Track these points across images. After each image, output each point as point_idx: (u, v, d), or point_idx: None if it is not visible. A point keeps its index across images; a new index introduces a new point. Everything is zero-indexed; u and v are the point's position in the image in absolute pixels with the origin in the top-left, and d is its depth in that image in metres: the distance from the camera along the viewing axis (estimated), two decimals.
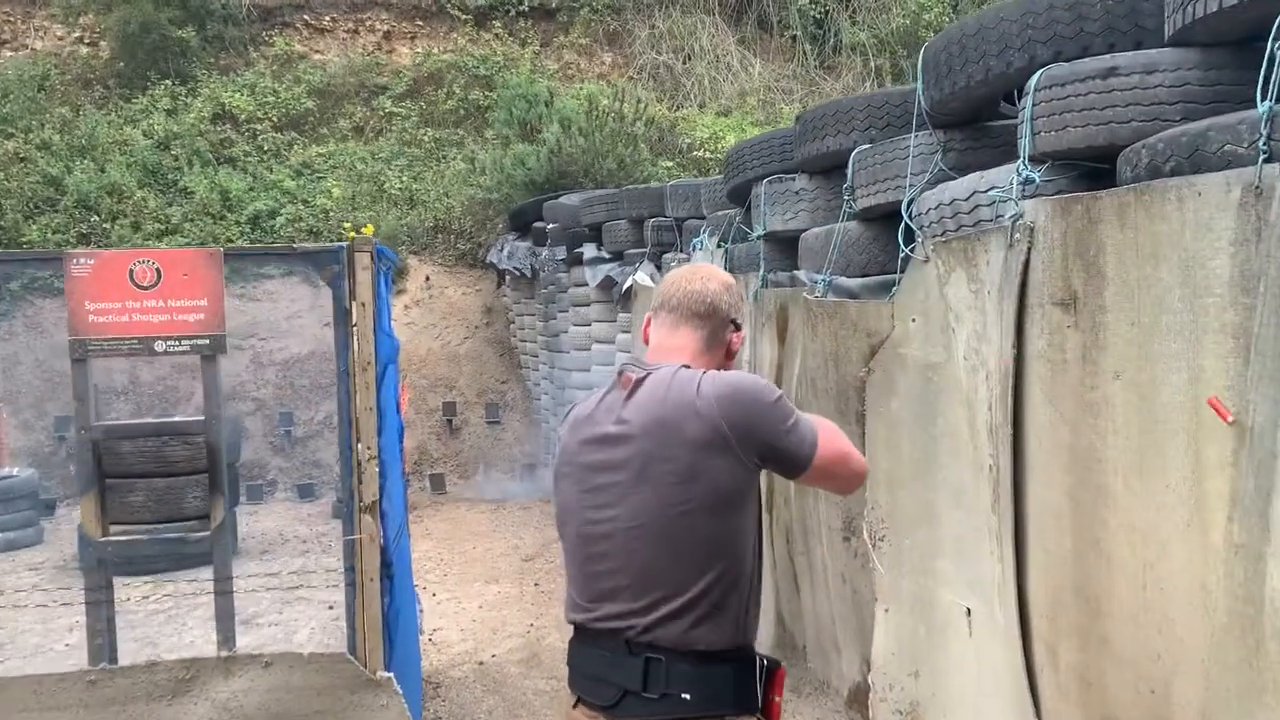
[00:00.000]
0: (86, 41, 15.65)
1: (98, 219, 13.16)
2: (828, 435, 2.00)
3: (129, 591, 6.78)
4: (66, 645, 6.12)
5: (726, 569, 1.92)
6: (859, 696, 4.36)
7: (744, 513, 1.94)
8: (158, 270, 3.37)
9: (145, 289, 3.36)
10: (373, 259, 3.51)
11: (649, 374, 2.01)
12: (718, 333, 2.11)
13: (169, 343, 3.40)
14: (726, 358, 2.13)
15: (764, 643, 5.33)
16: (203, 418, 3.50)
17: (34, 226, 12.92)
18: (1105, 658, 2.88)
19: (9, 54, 15.38)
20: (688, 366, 2.02)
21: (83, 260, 3.35)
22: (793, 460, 1.96)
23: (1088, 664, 2.95)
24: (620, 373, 2.07)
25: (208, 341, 3.42)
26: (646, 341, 2.16)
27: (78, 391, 3.42)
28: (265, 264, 11.42)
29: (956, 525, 3.61)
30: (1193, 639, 2.59)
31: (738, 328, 2.14)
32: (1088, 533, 2.93)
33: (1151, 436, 2.70)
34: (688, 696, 1.88)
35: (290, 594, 6.91)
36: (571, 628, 2.06)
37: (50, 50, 15.42)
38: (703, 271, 2.18)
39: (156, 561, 7.38)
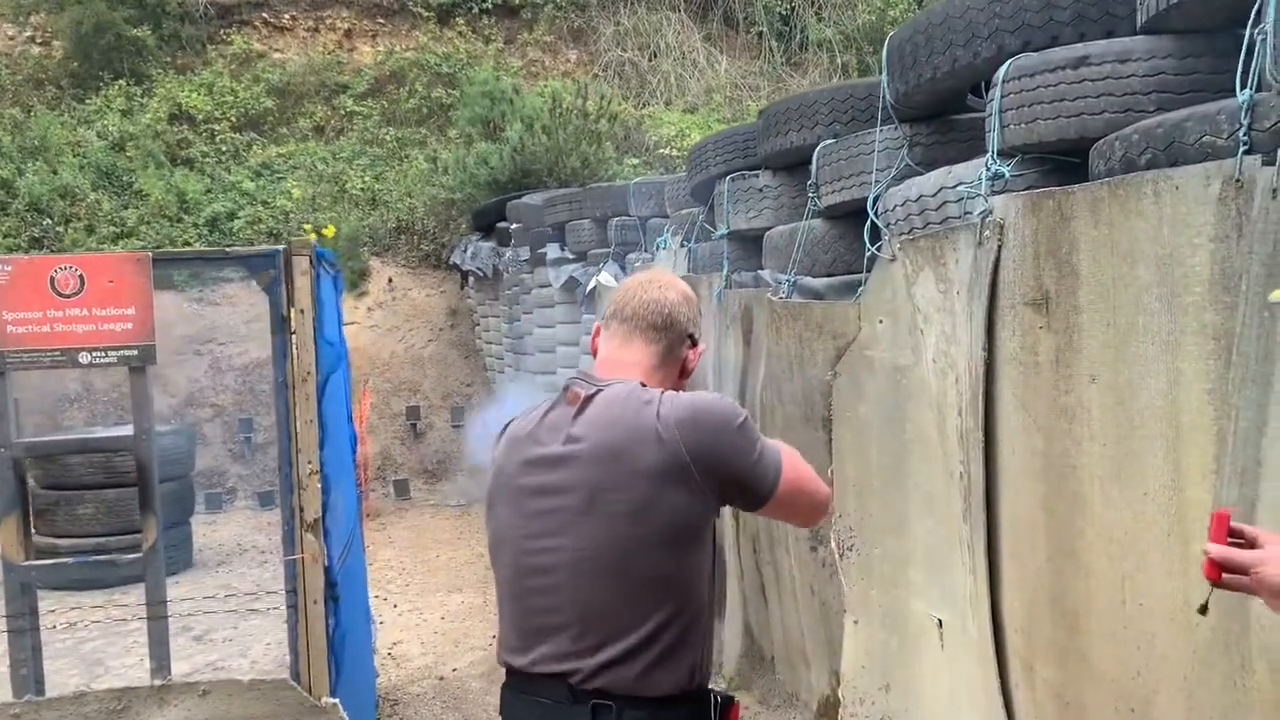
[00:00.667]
0: (38, 41, 15.29)
1: (50, 222, 12.83)
2: (791, 463, 1.83)
3: (80, 614, 6.54)
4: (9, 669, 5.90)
5: (681, 608, 1.75)
6: (828, 710, 4.22)
7: (700, 548, 1.77)
8: (81, 277, 3.17)
9: (68, 297, 3.16)
10: (312, 263, 3.33)
11: (599, 390, 1.82)
12: (674, 348, 1.92)
13: (95, 354, 3.21)
14: (681, 376, 1.94)
15: (731, 654, 5.18)
16: (131, 432, 3.30)
17: None
18: (1083, 675, 2.75)
19: None
20: (642, 385, 1.85)
21: None
22: (756, 492, 1.79)
23: (1065, 682, 2.82)
24: (566, 387, 1.89)
25: (136, 352, 3.23)
26: (595, 353, 1.98)
27: None
28: (220, 268, 11.14)
29: (927, 534, 3.48)
30: (1175, 656, 2.46)
31: (695, 344, 1.96)
32: (1063, 543, 2.80)
33: (1129, 442, 2.57)
34: None
35: (246, 608, 6.69)
36: (504, 671, 1.88)
37: (0, 50, 15.04)
38: (661, 280, 1.98)
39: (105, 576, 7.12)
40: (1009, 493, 3.03)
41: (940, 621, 3.42)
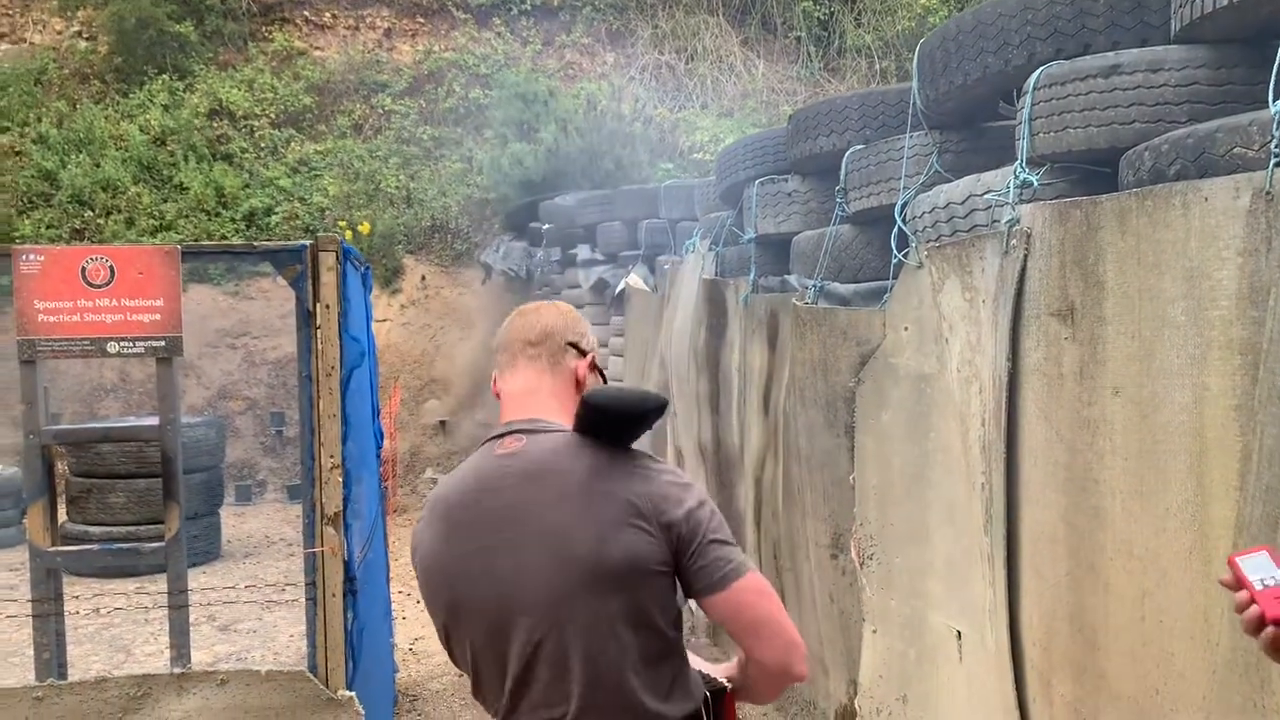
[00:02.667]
0: (85, 35, 15.52)
1: (91, 214, 13.03)
2: (761, 584, 1.79)
3: (106, 600, 6.63)
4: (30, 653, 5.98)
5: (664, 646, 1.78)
6: (846, 719, 4.19)
7: (669, 591, 1.77)
8: (111, 268, 3.22)
9: (98, 287, 3.21)
10: (338, 259, 3.35)
11: (529, 436, 1.82)
12: (556, 359, 1.90)
13: (123, 344, 3.25)
14: (578, 390, 1.91)
15: None
16: (156, 422, 3.34)
17: (27, 221, 12.79)
18: (1101, 692, 2.71)
19: (6, 47, 15.26)
20: (543, 426, 1.82)
21: (32, 257, 3.19)
22: (705, 572, 1.75)
23: (1082, 698, 2.78)
24: (497, 436, 1.86)
25: (163, 343, 3.27)
26: (497, 396, 1.96)
27: (26, 394, 3.26)
28: (254, 263, 11.26)
29: (948, 545, 3.45)
30: (1194, 674, 2.43)
31: (582, 353, 1.93)
32: (1083, 557, 2.77)
33: (1152, 457, 2.53)
34: None
35: (268, 599, 6.75)
36: None
37: (48, 44, 15.29)
38: (528, 308, 2.00)
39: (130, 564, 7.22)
40: (1030, 505, 3.00)
41: (959, 633, 3.39)
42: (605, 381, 1.99)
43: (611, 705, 1.71)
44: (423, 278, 13.42)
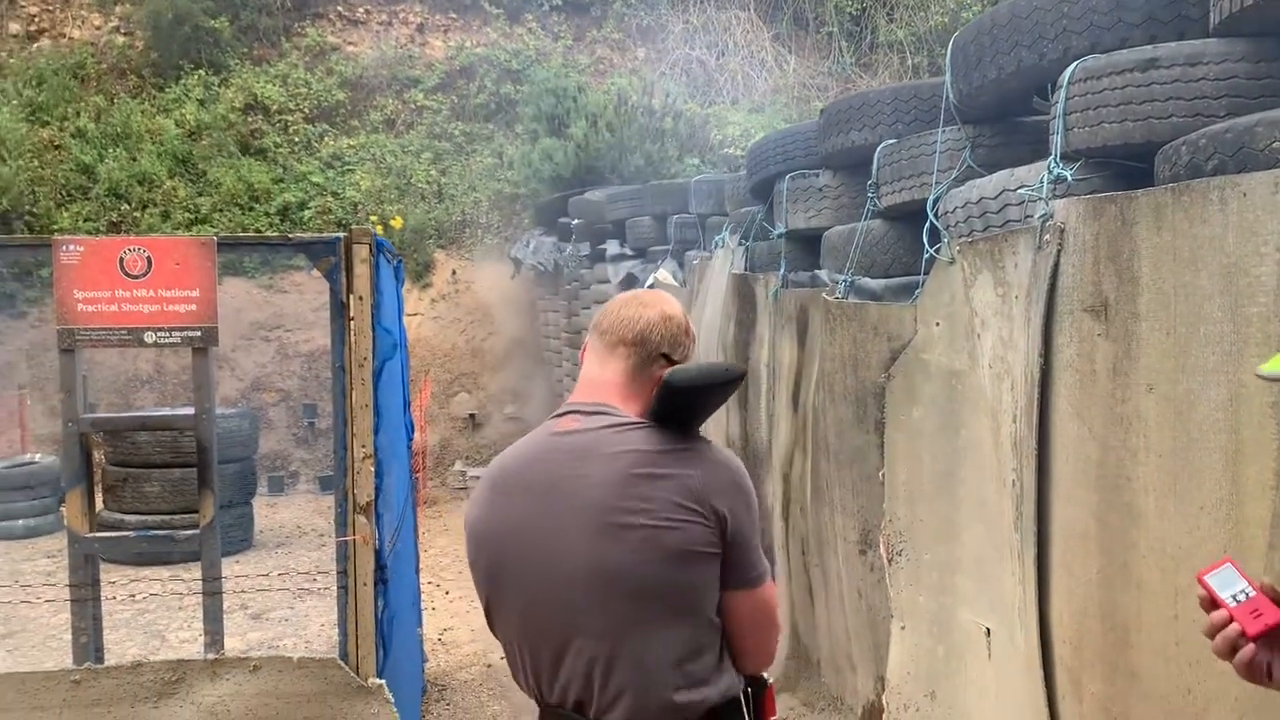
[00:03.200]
0: (122, 31, 15.71)
1: (128, 207, 13.20)
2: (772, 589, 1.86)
3: (141, 586, 6.73)
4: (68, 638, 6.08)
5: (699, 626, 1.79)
6: (873, 715, 4.18)
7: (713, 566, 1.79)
8: (148, 259, 3.26)
9: (136, 278, 3.25)
10: (372, 251, 3.38)
11: (590, 417, 1.83)
12: (644, 366, 1.88)
13: (159, 334, 3.29)
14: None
15: (778, 655, 5.15)
16: (192, 412, 3.39)
17: (65, 214, 12.97)
18: (1132, 691, 2.69)
19: (47, 43, 15.47)
20: (607, 411, 1.83)
21: (71, 247, 3.25)
22: (744, 567, 1.80)
23: (1113, 696, 2.76)
24: (559, 415, 1.88)
25: (199, 333, 3.31)
26: (582, 363, 1.98)
27: (65, 382, 3.32)
28: (288, 256, 11.36)
29: (978, 542, 3.43)
30: (1228, 675, 2.40)
31: (672, 363, 1.90)
32: (1115, 555, 2.75)
33: (1186, 454, 2.51)
34: None
35: (299, 587, 6.83)
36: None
37: (86, 39, 15.48)
38: (645, 298, 1.96)
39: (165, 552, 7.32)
40: (1061, 502, 2.98)
41: (988, 630, 3.37)
42: None
43: (650, 684, 1.71)
44: (453, 272, 13.49)
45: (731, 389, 1.83)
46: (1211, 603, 1.45)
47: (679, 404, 1.77)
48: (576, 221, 10.37)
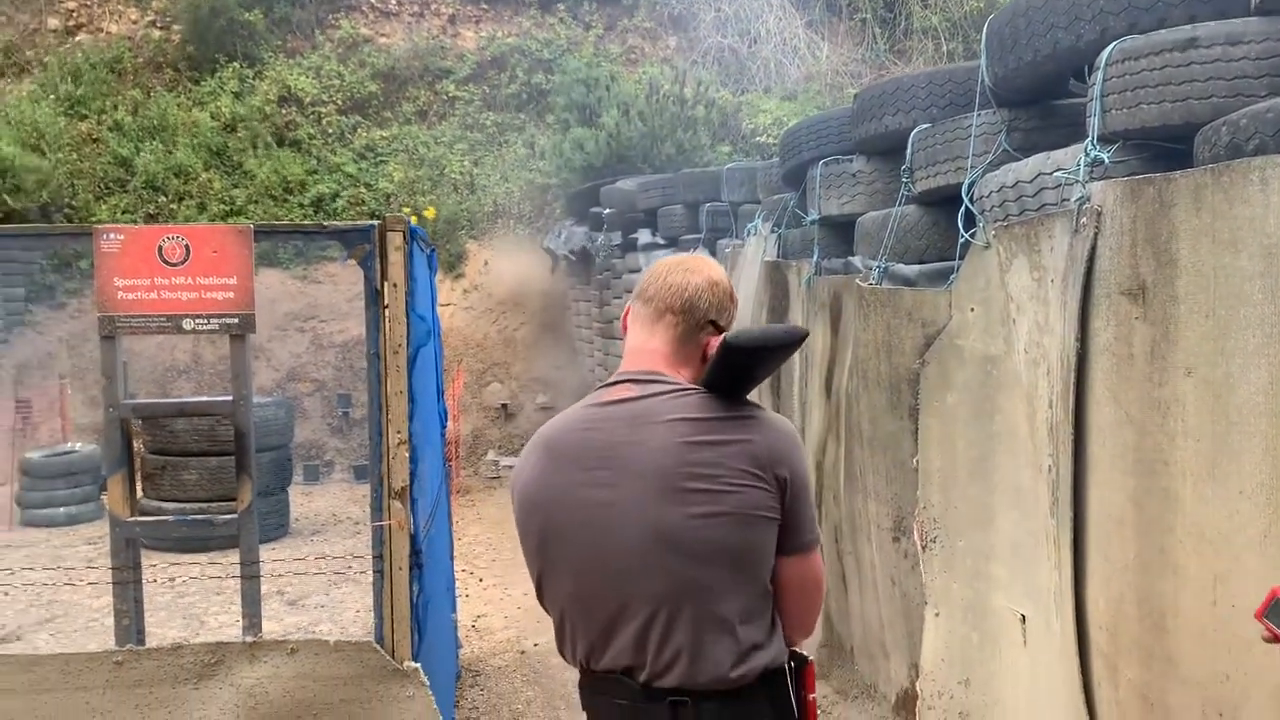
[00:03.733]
0: (159, 25, 15.88)
1: (164, 199, 13.36)
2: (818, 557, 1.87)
3: (181, 569, 6.84)
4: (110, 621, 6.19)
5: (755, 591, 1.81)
6: (907, 702, 4.17)
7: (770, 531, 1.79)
8: (187, 247, 3.30)
9: (174, 266, 3.30)
10: (405, 239, 3.40)
11: (644, 385, 1.83)
12: (692, 333, 1.87)
13: (198, 321, 3.33)
14: (703, 362, 1.88)
15: (810, 642, 5.15)
16: (230, 398, 3.43)
17: (104, 206, 13.16)
18: (1169, 676, 2.67)
19: (85, 37, 15.67)
20: (660, 379, 1.83)
21: (112, 235, 3.29)
22: (799, 531, 1.81)
23: (1150, 682, 2.74)
24: (610, 384, 1.88)
25: (237, 320, 3.35)
26: (624, 331, 1.97)
27: (106, 369, 3.36)
28: (322, 246, 11.46)
29: (1013, 528, 3.41)
30: (1266, 660, 2.38)
31: (719, 330, 1.89)
32: (1153, 540, 2.72)
33: (1225, 438, 2.48)
34: None
35: (335, 571, 6.90)
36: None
37: (124, 33, 15.67)
38: (690, 263, 1.94)
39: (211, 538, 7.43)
40: (1098, 487, 2.95)
41: (1023, 617, 3.35)
42: None
43: (705, 649, 1.72)
44: (485, 262, 13.55)
45: (792, 350, 1.83)
46: (1274, 638, 1.45)
47: (739, 365, 1.76)
48: (608, 211, 10.37)
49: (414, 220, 3.52)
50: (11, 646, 5.77)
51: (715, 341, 1.86)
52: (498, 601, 6.89)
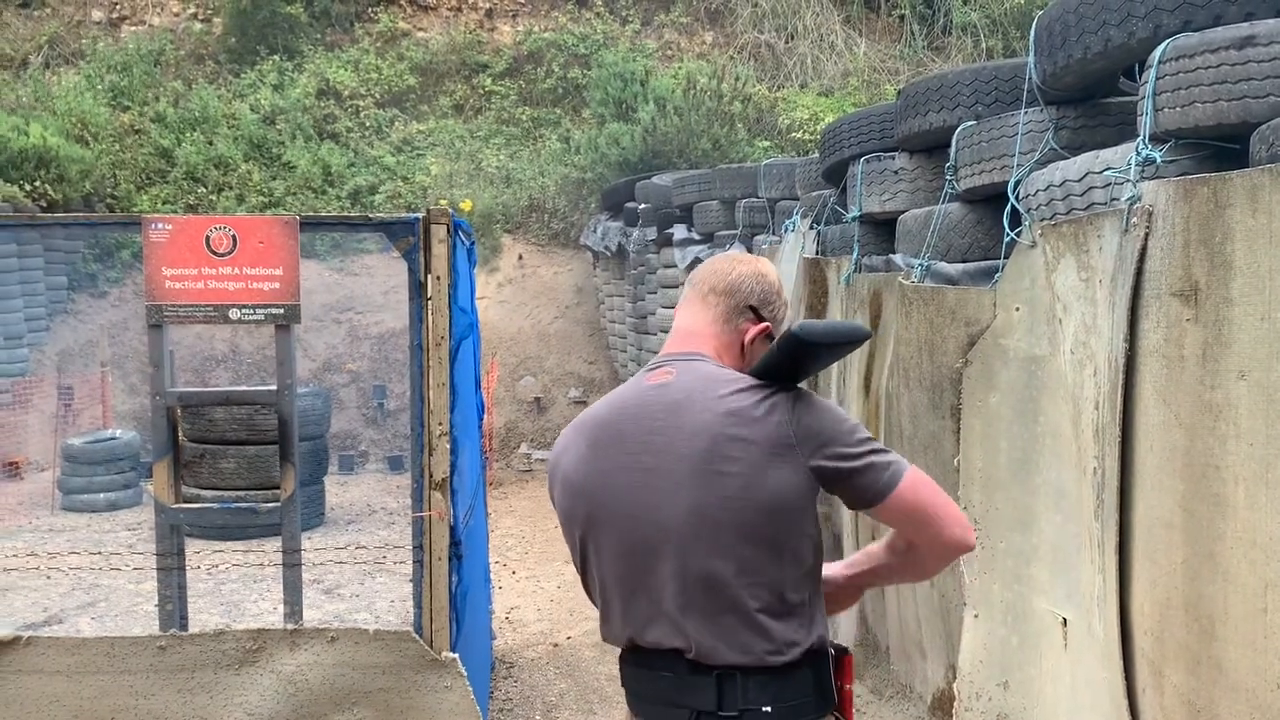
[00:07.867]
0: (200, 18, 16.06)
1: (204, 190, 13.51)
2: (918, 480, 1.78)
3: (223, 557, 6.92)
4: (156, 606, 6.27)
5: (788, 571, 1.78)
6: (943, 704, 4.14)
7: (806, 517, 1.78)
8: (234, 237, 3.34)
9: (221, 256, 3.33)
10: (449, 232, 3.42)
11: (682, 365, 1.85)
12: (733, 315, 1.89)
13: (244, 310, 3.37)
14: (740, 350, 1.90)
15: (845, 642, 5.13)
16: (274, 388, 3.46)
17: (145, 196, 13.32)
18: (1217, 683, 2.63)
19: (129, 29, 15.87)
20: (701, 359, 1.85)
21: (160, 225, 3.33)
22: (864, 487, 1.76)
23: (1197, 689, 2.71)
24: (651, 369, 1.90)
25: (282, 310, 3.38)
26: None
27: (153, 357, 3.41)
28: (360, 239, 11.55)
29: (1055, 531, 3.38)
30: None
31: (759, 319, 1.90)
32: (1202, 546, 2.68)
33: (1279, 443, 2.44)
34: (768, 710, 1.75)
35: (374, 565, 6.96)
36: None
37: (167, 26, 15.86)
38: (742, 257, 1.99)
39: (250, 527, 7.54)
40: (1145, 491, 2.92)
41: (1065, 620, 3.32)
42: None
43: (747, 628, 1.74)
44: (520, 256, 13.59)
45: (854, 348, 1.83)
46: None
47: (800, 356, 1.75)
48: (643, 206, 10.37)
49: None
50: (54, 629, 5.86)
51: (754, 329, 1.89)
52: (531, 594, 6.92)
